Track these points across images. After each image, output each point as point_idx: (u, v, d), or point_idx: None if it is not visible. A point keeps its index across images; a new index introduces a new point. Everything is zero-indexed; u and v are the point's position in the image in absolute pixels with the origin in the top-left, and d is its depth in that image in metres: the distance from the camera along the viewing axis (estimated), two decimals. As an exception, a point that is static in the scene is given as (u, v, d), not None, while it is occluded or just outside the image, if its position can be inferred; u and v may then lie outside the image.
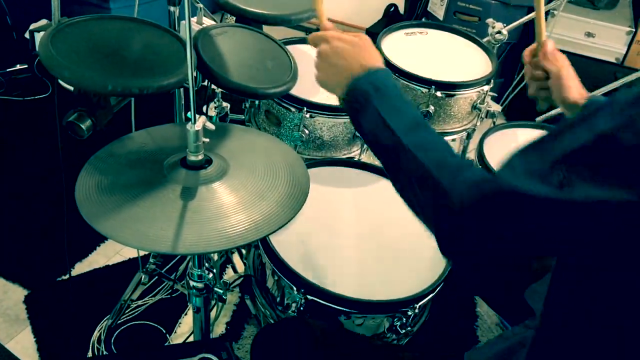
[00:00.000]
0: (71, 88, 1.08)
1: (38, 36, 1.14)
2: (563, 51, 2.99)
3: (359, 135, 1.60)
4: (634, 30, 2.58)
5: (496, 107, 1.84)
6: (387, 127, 0.83)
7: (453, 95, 1.71)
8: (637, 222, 0.60)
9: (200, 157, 1.01)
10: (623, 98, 0.63)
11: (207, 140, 1.01)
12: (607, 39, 2.62)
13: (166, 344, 1.68)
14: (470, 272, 1.31)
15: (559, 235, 0.66)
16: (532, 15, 2.03)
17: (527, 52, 1.27)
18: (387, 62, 1.73)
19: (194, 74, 0.98)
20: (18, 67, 2.70)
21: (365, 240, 1.30)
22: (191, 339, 1.61)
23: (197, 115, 0.97)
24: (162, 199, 0.95)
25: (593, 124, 0.63)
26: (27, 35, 2.51)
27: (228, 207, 0.95)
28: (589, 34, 2.63)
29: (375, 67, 0.91)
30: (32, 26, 1.24)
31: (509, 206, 0.67)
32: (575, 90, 1.18)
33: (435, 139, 0.83)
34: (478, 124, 1.86)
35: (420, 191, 0.78)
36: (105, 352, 1.62)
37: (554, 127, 0.70)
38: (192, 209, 0.93)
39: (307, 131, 1.54)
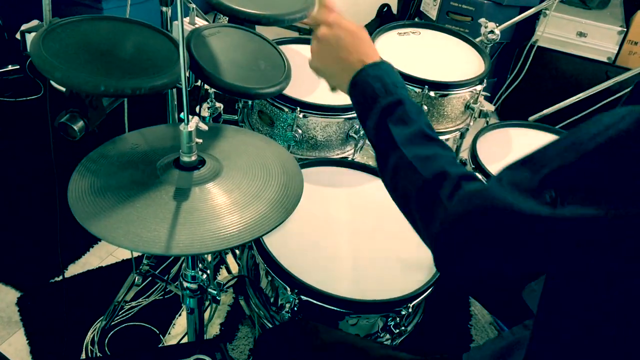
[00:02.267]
0: (63, 89, 1.07)
1: (29, 37, 1.13)
2: (555, 51, 2.99)
3: (352, 135, 1.60)
4: (625, 29, 2.59)
5: (489, 107, 1.84)
6: (390, 134, 0.83)
7: (446, 95, 1.72)
8: (627, 233, 0.60)
9: (193, 158, 1.01)
10: (607, 120, 0.63)
11: (200, 141, 1.00)
12: (599, 39, 2.63)
13: (160, 345, 1.67)
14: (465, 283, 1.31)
15: (548, 251, 0.66)
16: (524, 15, 2.04)
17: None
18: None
19: (187, 74, 0.97)
20: (10, 67, 2.69)
21: (359, 240, 1.30)
22: (185, 340, 1.60)
23: (190, 116, 0.97)
24: (155, 200, 0.94)
25: (578, 143, 0.64)
26: (18, 36, 2.49)
27: (221, 208, 0.95)
28: (580, 34, 2.64)
29: (378, 60, 0.90)
30: (23, 27, 1.23)
31: (500, 221, 0.67)
32: None
33: (439, 151, 0.81)
34: (471, 123, 1.86)
35: (418, 202, 0.78)
36: (98, 354, 1.61)
37: (543, 145, 0.70)
38: (185, 210, 0.93)
39: (300, 131, 1.53)
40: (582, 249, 0.64)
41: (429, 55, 1.91)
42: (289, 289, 1.14)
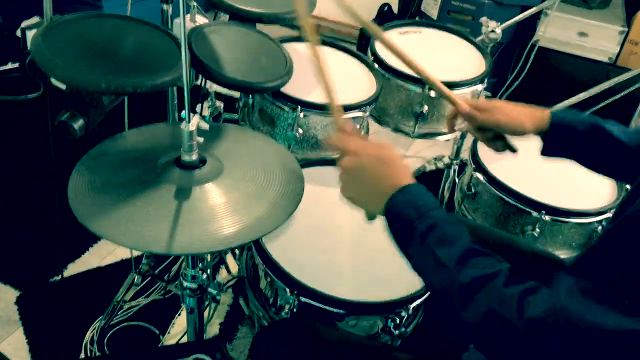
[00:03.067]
0: (63, 87, 1.07)
1: (30, 34, 1.13)
2: (556, 51, 2.97)
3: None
4: (626, 29, 2.59)
5: (490, 107, 1.83)
6: (439, 261, 0.79)
7: (447, 95, 1.71)
8: None
9: (194, 157, 1.00)
10: None
11: (201, 139, 1.00)
12: (600, 39, 2.63)
13: (159, 344, 1.67)
14: None
15: None
16: (525, 14, 2.04)
17: (459, 121, 1.25)
18: (381, 62, 1.72)
19: (188, 71, 0.97)
20: (9, 65, 2.68)
21: (359, 240, 1.30)
22: (184, 339, 1.60)
23: (191, 115, 0.97)
24: (156, 198, 0.94)
25: None
26: (18, 33, 2.48)
27: (222, 208, 0.94)
28: (581, 34, 2.64)
29: (408, 184, 0.87)
30: (23, 24, 1.23)
31: (584, 338, 0.66)
32: (528, 119, 1.14)
33: (495, 265, 0.77)
34: (472, 123, 1.85)
35: (485, 329, 0.75)
36: (98, 354, 1.61)
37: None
38: (186, 209, 0.93)
39: (301, 130, 1.53)
40: None
41: (430, 54, 1.90)
42: (288, 290, 1.13)
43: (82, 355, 1.61)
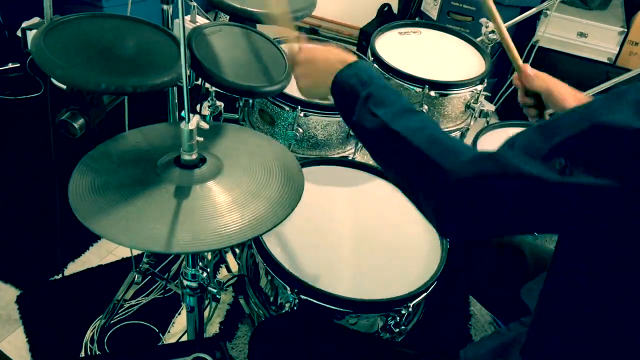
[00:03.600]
0: (64, 86, 1.07)
1: (30, 34, 1.13)
2: (555, 51, 2.98)
3: (353, 134, 1.60)
4: (625, 30, 2.59)
5: (490, 107, 1.84)
6: (376, 117, 0.85)
7: (447, 95, 1.72)
8: (621, 210, 0.62)
9: (194, 156, 1.01)
10: (627, 93, 0.64)
11: (201, 139, 1.00)
12: (600, 39, 2.63)
13: (159, 343, 1.67)
14: (468, 260, 1.32)
15: (554, 216, 0.68)
16: (525, 15, 2.04)
17: (515, 80, 1.34)
18: (381, 62, 1.73)
19: (188, 72, 0.97)
20: (10, 65, 2.69)
21: (359, 239, 1.30)
22: (185, 338, 1.60)
23: (191, 114, 0.97)
24: (155, 198, 0.94)
25: (591, 113, 0.66)
26: (19, 33, 2.49)
27: (222, 206, 0.95)
28: (581, 34, 2.64)
29: (356, 60, 0.96)
30: (24, 24, 1.23)
31: (508, 184, 0.69)
32: (571, 97, 1.23)
33: (427, 121, 0.84)
34: (472, 123, 1.86)
35: (417, 174, 0.80)
36: (98, 352, 1.61)
37: (559, 114, 0.72)
38: (186, 208, 0.93)
39: (301, 130, 1.53)
40: (589, 219, 0.65)
41: (430, 54, 1.91)
42: (288, 288, 1.14)
43: (83, 354, 1.61)
